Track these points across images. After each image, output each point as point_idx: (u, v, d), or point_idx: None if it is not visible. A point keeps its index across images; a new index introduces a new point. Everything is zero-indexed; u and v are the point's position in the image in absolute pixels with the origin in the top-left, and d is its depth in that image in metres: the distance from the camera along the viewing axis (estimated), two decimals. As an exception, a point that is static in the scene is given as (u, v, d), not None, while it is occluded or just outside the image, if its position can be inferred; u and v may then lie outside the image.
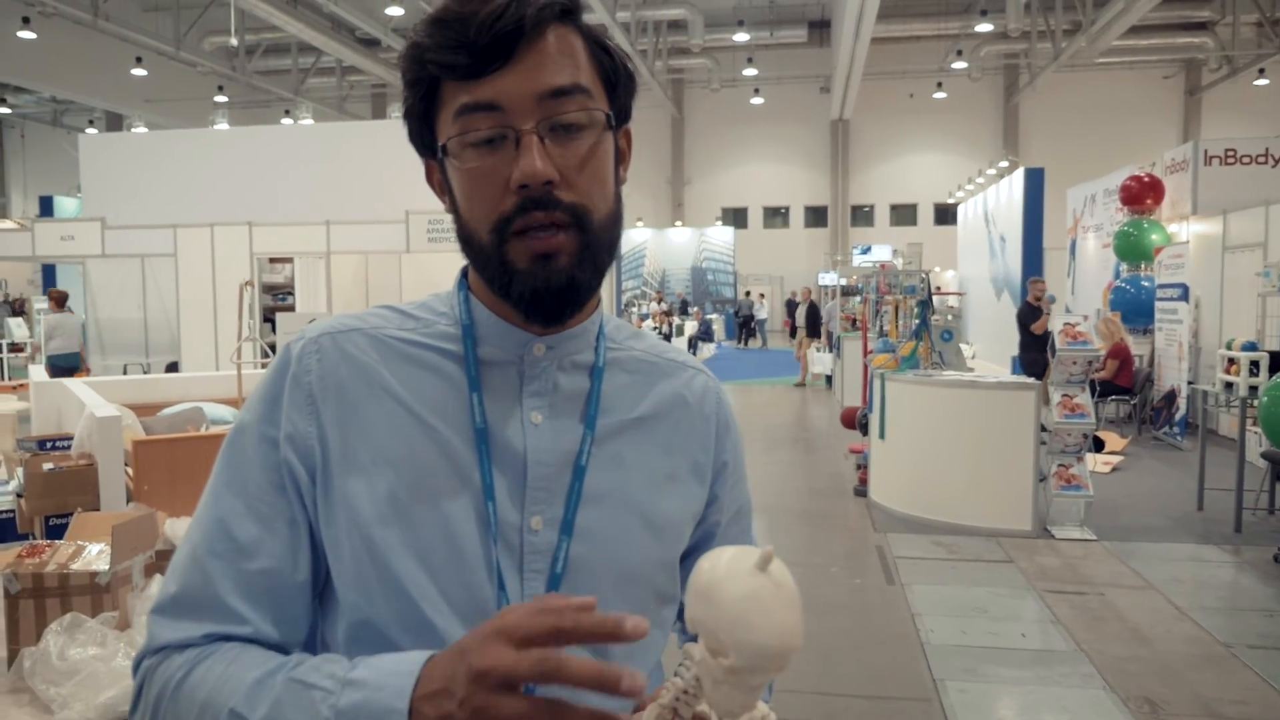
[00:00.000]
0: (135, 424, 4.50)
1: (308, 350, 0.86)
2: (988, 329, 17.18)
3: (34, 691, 3.45)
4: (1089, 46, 19.73)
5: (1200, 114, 27.97)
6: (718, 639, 0.64)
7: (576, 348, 0.90)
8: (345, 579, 0.81)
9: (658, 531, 0.89)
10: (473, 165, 0.81)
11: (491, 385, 0.86)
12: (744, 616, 0.63)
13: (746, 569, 0.65)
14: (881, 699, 3.81)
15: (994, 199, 16.87)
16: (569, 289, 0.82)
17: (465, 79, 0.79)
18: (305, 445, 0.82)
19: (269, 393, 0.85)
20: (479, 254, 0.83)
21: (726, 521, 0.98)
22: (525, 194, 0.79)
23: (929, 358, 6.95)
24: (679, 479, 0.92)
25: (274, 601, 0.81)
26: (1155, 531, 6.22)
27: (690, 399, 0.96)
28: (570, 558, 0.84)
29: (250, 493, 0.82)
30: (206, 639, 0.79)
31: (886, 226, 30.63)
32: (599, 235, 0.83)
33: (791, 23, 26.88)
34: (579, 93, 0.81)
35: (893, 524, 6.40)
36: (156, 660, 0.79)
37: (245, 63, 22.78)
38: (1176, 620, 4.62)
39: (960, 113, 29.47)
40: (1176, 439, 9.42)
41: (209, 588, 0.80)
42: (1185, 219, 10.93)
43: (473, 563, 0.81)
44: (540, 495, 0.84)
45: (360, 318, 0.90)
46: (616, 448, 0.89)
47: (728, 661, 0.64)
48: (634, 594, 0.87)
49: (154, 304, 11.25)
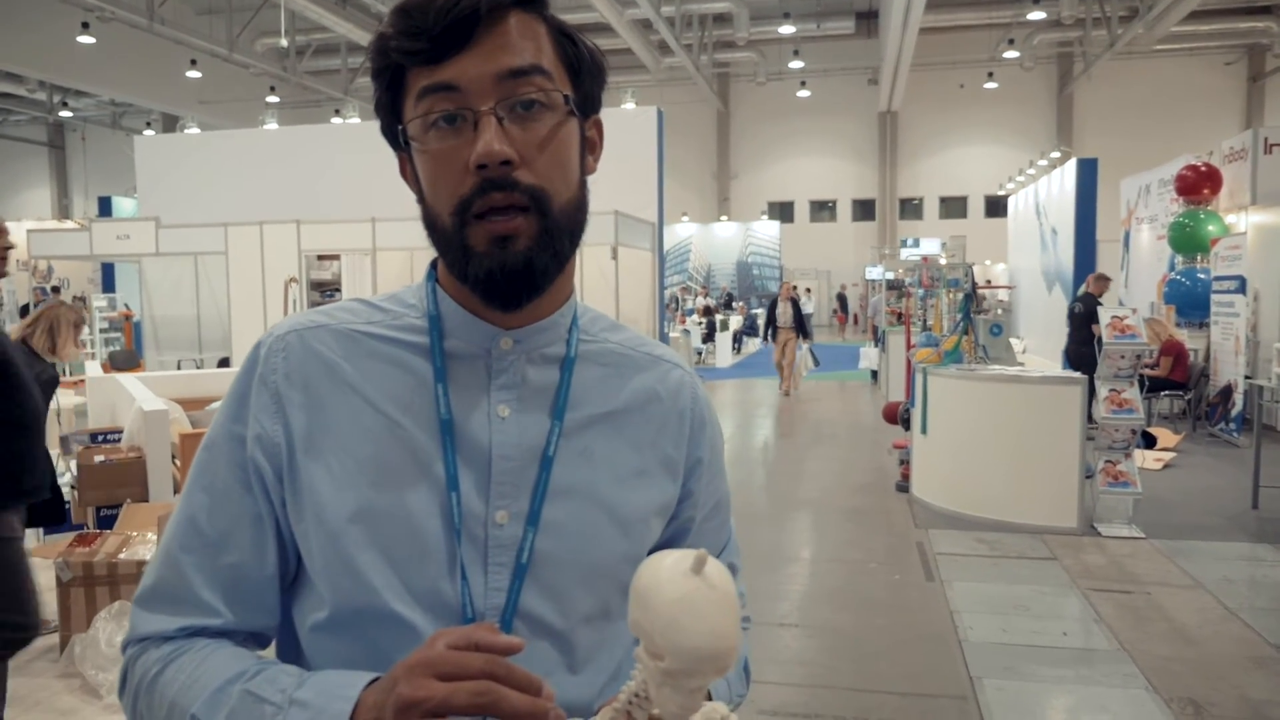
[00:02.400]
0: (182, 418, 4.62)
1: (274, 349, 0.87)
2: (1039, 323, 16.88)
3: (84, 676, 3.57)
4: (1146, 33, 19.26)
5: (1264, 101, 27.14)
6: (654, 642, 0.65)
7: (546, 340, 0.90)
8: (316, 572, 0.83)
9: (625, 526, 0.89)
10: (434, 148, 0.82)
11: (458, 378, 0.87)
12: (676, 619, 0.63)
13: (681, 572, 0.65)
14: (917, 696, 3.78)
15: (1045, 190, 16.56)
16: (525, 272, 0.82)
17: (426, 64, 0.80)
18: (271, 444, 0.84)
19: (238, 392, 0.87)
20: (441, 238, 0.84)
21: (702, 517, 0.98)
22: (484, 174, 0.79)
23: (973, 352, 6.85)
24: (649, 474, 0.92)
25: (243, 593, 0.84)
26: (1207, 530, 6.07)
27: (664, 394, 0.95)
28: (536, 551, 0.84)
29: (218, 490, 0.85)
30: (181, 631, 0.82)
31: (936, 219, 30.21)
32: (559, 220, 0.82)
33: (838, 14, 26.61)
34: (537, 73, 0.81)
35: (934, 520, 6.33)
36: (138, 650, 0.83)
37: (296, 63, 23.19)
38: (1225, 620, 4.51)
39: (1012, 103, 28.94)
40: (1232, 435, 9.17)
41: (182, 581, 0.83)
42: (1244, 209, 10.62)
43: (436, 556, 0.82)
44: (505, 489, 0.85)
45: (328, 312, 0.91)
46: (585, 442, 0.89)
47: (663, 664, 0.64)
48: (599, 588, 0.87)
49: (206, 300, 11.50)
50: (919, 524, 6.27)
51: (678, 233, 29.59)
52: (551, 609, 0.85)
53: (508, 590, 0.83)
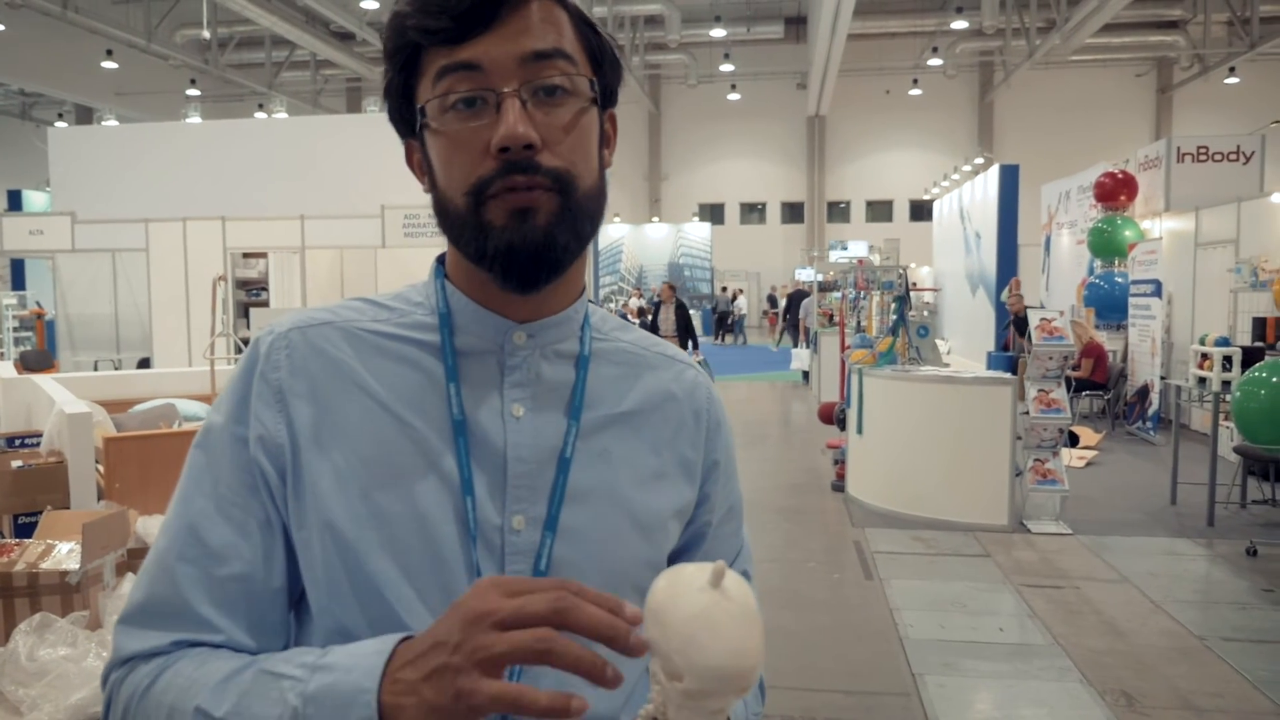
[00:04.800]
0: (106, 420, 4.42)
1: (276, 346, 0.82)
2: (962, 325, 17.29)
3: (2, 693, 3.39)
4: (1063, 44, 19.88)
5: (1172, 111, 28.29)
6: (672, 662, 0.61)
7: (559, 336, 0.86)
8: (317, 583, 0.78)
9: (645, 531, 0.86)
10: (452, 130, 0.78)
11: (470, 376, 0.83)
12: (694, 637, 0.60)
13: (697, 586, 0.62)
14: (862, 694, 3.82)
15: (969, 195, 16.96)
16: (546, 247, 0.78)
17: (446, 43, 0.77)
18: (274, 445, 0.79)
19: (237, 391, 0.82)
20: (455, 222, 0.80)
21: (718, 521, 0.95)
22: (506, 157, 0.76)
23: (906, 353, 6.97)
24: (667, 476, 0.89)
25: (248, 608, 0.77)
26: (1129, 525, 6.27)
27: (680, 394, 0.93)
28: (554, 557, 0.81)
29: (221, 494, 0.79)
30: (175, 646, 0.75)
31: (863, 223, 30.76)
32: (582, 203, 0.79)
33: (768, 18, 26.93)
34: (561, 57, 0.79)
35: (870, 519, 6.43)
36: (124, 672, 0.76)
37: (218, 56, 22.51)
38: (1152, 614, 4.66)
39: (936, 109, 29.63)
40: (1149, 434, 9.52)
41: (178, 595, 0.76)
42: (1158, 215, 11.04)
43: (451, 564, 0.78)
44: (522, 493, 0.81)
45: (332, 310, 0.86)
46: (603, 443, 0.86)
47: (682, 685, 0.61)
48: (619, 594, 0.84)
49: (125, 299, 11.09)
50: (855, 523, 6.35)
51: (610, 234, 29.57)
52: None
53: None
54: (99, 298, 11.18)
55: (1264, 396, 5.69)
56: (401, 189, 9.00)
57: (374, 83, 26.23)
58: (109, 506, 3.52)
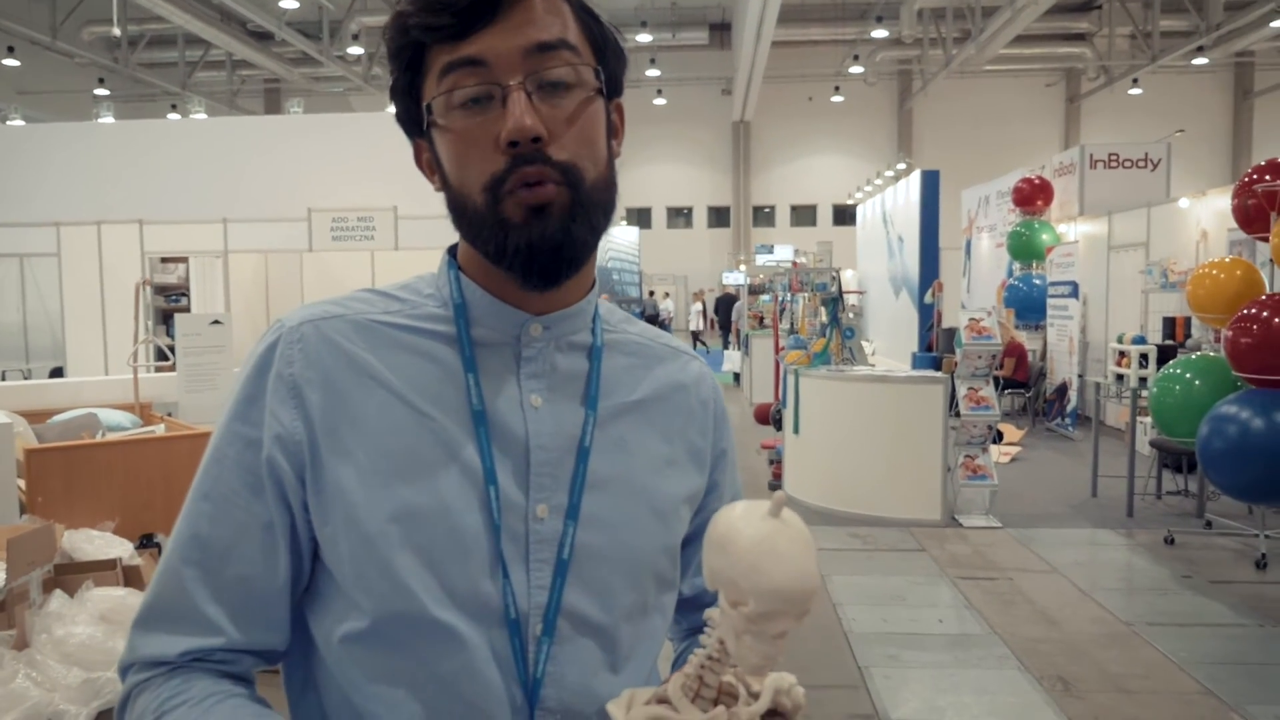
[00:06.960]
0: (27, 431, 4.23)
1: (288, 340, 0.81)
2: (886, 326, 17.66)
3: (-76, 719, 3.21)
4: (977, 54, 20.51)
5: (1080, 120, 29.35)
6: (736, 587, 0.64)
7: (573, 327, 0.87)
8: (344, 577, 0.78)
9: (662, 517, 0.88)
10: (460, 126, 0.78)
11: (487, 367, 0.83)
12: (759, 561, 0.63)
13: (759, 515, 0.65)
14: (811, 687, 3.81)
15: (892, 200, 17.34)
16: (565, 243, 0.78)
17: (449, 40, 0.77)
18: (292, 441, 0.78)
19: (247, 392, 0.81)
20: (473, 220, 0.80)
21: None
22: (515, 151, 0.76)
23: (840, 353, 7.09)
24: (678, 464, 0.91)
25: (251, 608, 0.79)
26: (1054, 518, 6.49)
27: (688, 383, 0.95)
28: (577, 545, 0.81)
29: (223, 497, 0.79)
30: (183, 657, 0.77)
31: (787, 227, 31.20)
32: (592, 195, 0.80)
33: (693, 24, 27.12)
34: (565, 48, 0.79)
35: (809, 517, 6.50)
36: (140, 680, 0.78)
37: (128, 54, 21.72)
38: (1081, 601, 4.82)
39: (857, 116, 30.23)
40: (1069, 430, 9.86)
41: (184, 596, 0.78)
42: (1073, 220, 11.45)
43: (477, 554, 0.78)
44: (545, 481, 0.82)
45: (341, 303, 0.85)
46: (619, 431, 0.87)
47: (747, 609, 0.64)
48: (639, 581, 0.85)
49: (34, 306, 10.64)
50: (793, 521, 6.43)
51: (536, 238, 29.42)
52: (595, 605, 0.82)
53: (550, 588, 0.80)
54: (6, 305, 10.72)
55: (1179, 392, 5.93)
56: (329, 192, 8.82)
57: (293, 84, 25.66)
58: (33, 521, 3.37)
